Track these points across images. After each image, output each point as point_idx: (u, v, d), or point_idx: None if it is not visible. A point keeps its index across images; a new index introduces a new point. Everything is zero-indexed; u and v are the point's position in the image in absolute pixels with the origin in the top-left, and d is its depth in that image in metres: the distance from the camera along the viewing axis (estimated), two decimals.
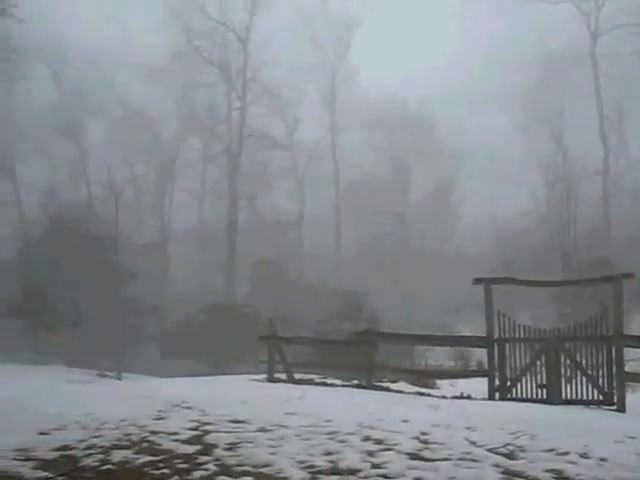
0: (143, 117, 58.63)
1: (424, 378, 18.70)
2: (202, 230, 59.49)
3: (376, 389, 15.87)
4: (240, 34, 57.27)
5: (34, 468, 7.62)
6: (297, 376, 18.02)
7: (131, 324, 39.62)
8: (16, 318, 41.07)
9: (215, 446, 8.41)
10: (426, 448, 8.24)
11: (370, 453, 7.97)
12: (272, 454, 7.91)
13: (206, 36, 56.91)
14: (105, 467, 7.61)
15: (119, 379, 34.42)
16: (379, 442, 8.56)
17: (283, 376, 17.91)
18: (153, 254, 53.73)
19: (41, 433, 9.55)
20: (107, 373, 36.26)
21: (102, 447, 8.52)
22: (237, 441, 8.64)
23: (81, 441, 8.89)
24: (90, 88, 58.04)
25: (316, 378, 18.34)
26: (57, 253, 40.64)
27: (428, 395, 15.58)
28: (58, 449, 8.50)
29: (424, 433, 9.17)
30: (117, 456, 8.03)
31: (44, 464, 7.80)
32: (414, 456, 7.82)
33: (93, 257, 39.45)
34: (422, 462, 7.53)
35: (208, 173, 62.01)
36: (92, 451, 8.33)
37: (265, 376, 18.04)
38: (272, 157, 61.55)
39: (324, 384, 17.18)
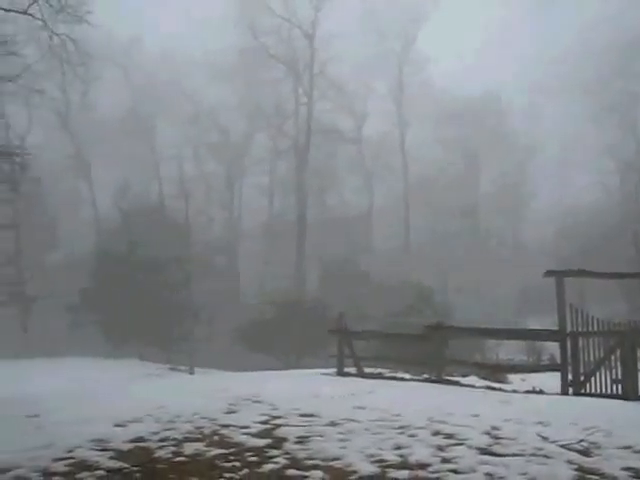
0: (212, 115, 59.43)
1: (495, 372, 18.39)
2: (271, 225, 59.98)
3: (446, 383, 15.73)
4: (306, 30, 57.44)
5: (110, 458, 7.85)
6: (366, 370, 18.01)
7: (202, 319, 40.23)
8: (92, 312, 42.28)
9: (285, 439, 8.50)
10: (497, 443, 8.15)
11: (440, 448, 7.93)
12: (342, 448, 7.95)
13: (272, 33, 57.26)
14: (178, 459, 7.77)
15: (191, 373, 35.03)
16: (449, 437, 8.52)
17: (353, 370, 17.93)
18: (223, 250, 54.49)
19: (117, 425, 9.83)
20: (179, 367, 36.93)
21: (175, 439, 8.72)
22: (307, 435, 8.72)
23: (155, 433, 9.12)
24: (161, 88, 59.19)
25: (385, 372, 18.31)
26: (131, 250, 41.63)
27: (499, 390, 15.36)
28: (133, 440, 8.73)
29: (495, 428, 9.08)
30: (189, 449, 8.20)
31: (120, 455, 8.02)
32: (485, 451, 7.74)
33: (165, 253, 40.22)
34: (493, 457, 7.44)
35: (277, 169, 62.47)
36: (165, 443, 8.52)
37: (335, 370, 18.10)
38: (340, 152, 61.55)
39: (393, 378, 17.14)
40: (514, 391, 15.12)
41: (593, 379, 13.99)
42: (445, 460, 7.36)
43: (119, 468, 7.46)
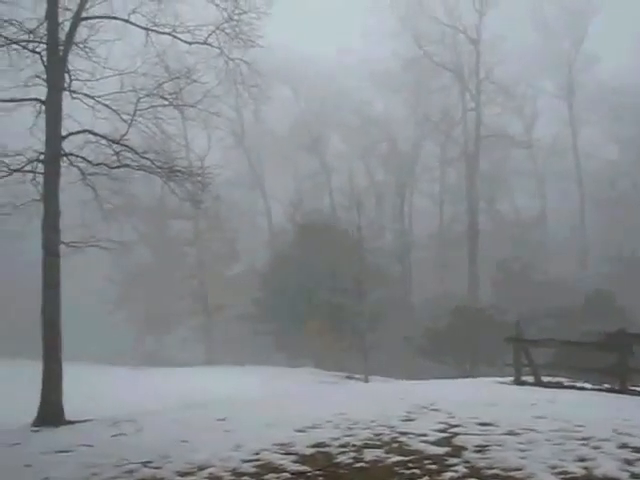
0: (380, 125, 60.02)
1: None
2: (442, 233, 59.59)
3: (631, 394, 14.96)
4: (471, 35, 56.65)
5: (294, 462, 8.25)
6: (545, 379, 17.52)
7: (376, 327, 40.57)
8: (268, 322, 43.87)
9: (464, 448, 8.51)
10: None
11: (628, 462, 7.57)
12: (522, 458, 7.84)
13: (436, 40, 56.95)
14: (358, 465, 8.03)
15: (366, 381, 35.43)
16: (638, 450, 8.10)
17: (530, 379, 17.51)
18: (395, 258, 54.76)
19: (298, 430, 10.27)
20: (354, 375, 37.43)
21: (355, 446, 8.98)
22: (486, 444, 8.67)
23: (335, 439, 9.44)
24: (328, 102, 60.57)
25: (565, 381, 17.70)
26: (305, 260, 42.80)
27: None
28: (314, 446, 9.09)
29: None
30: (369, 455, 8.43)
31: (302, 459, 8.40)
32: None
33: (338, 263, 40.99)
34: None
35: (446, 176, 62.00)
36: (345, 449, 8.81)
37: (511, 379, 17.76)
38: (510, 156, 60.15)
39: (573, 387, 16.52)
40: None
41: None
42: (634, 475, 7.06)
43: (303, 472, 7.81)
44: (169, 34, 18.67)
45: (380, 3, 53.95)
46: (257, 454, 8.65)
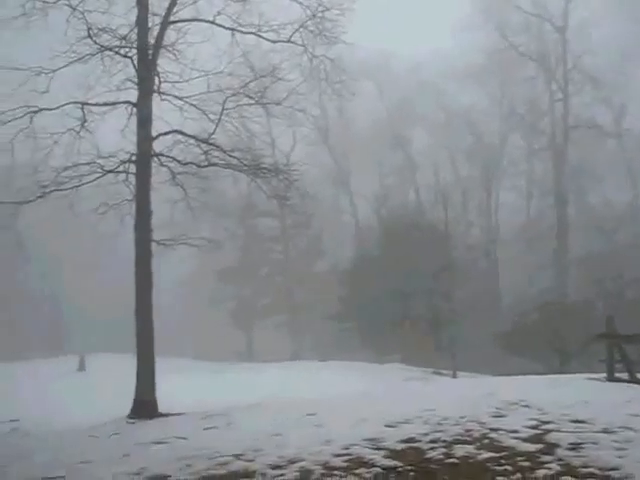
0: (464, 119, 59.17)
1: None
2: (530, 227, 58.32)
3: None
4: (556, 23, 55.33)
5: (384, 457, 8.26)
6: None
7: (464, 323, 40.17)
8: (353, 319, 43.92)
9: (557, 445, 8.34)
10: None
11: None
12: (619, 457, 7.62)
13: (521, 30, 55.81)
14: (449, 460, 7.98)
15: (454, 377, 35.11)
16: None
17: (624, 375, 16.97)
18: (482, 254, 54.01)
19: (387, 425, 10.27)
20: (442, 371, 37.15)
21: (445, 441, 8.93)
22: (579, 441, 8.47)
23: (425, 435, 9.40)
24: (412, 96, 60.14)
25: None
26: (391, 257, 42.64)
27: None
28: (404, 441, 9.09)
29: None
30: (460, 451, 8.36)
31: (393, 454, 8.41)
32: None
33: (425, 259, 40.69)
34: None
35: (533, 169, 60.67)
36: (436, 445, 8.77)
37: (604, 375, 17.26)
38: (600, 147, 58.34)
39: None
40: None
41: None
42: None
43: (394, 467, 7.82)
44: (254, 34, 18.95)
45: None
46: (347, 449, 8.70)
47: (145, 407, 16.30)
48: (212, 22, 18.58)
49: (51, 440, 13.02)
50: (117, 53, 17.52)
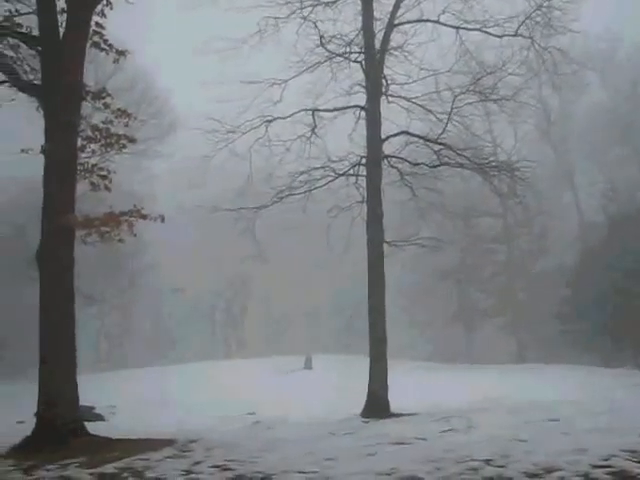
0: None
1: None
2: None
3: None
4: None
5: None
6: None
7: None
8: (578, 320, 41.78)
9: None
10: None
11: None
12: None
13: None
14: None
15: None
16: None
17: None
18: None
19: None
20: None
21: None
22: None
23: None
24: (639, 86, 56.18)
25: None
26: (620, 256, 40.15)
27: None
28: None
29: None
30: None
31: None
32: None
33: None
34: None
35: None
36: None
37: None
38: None
39: None
40: None
41: None
42: None
43: None
44: (479, 30, 18.61)
45: None
46: (606, 460, 8.14)
47: (377, 406, 16.51)
48: (437, 21, 18.49)
49: (293, 434, 13.44)
50: (346, 59, 18.00)
